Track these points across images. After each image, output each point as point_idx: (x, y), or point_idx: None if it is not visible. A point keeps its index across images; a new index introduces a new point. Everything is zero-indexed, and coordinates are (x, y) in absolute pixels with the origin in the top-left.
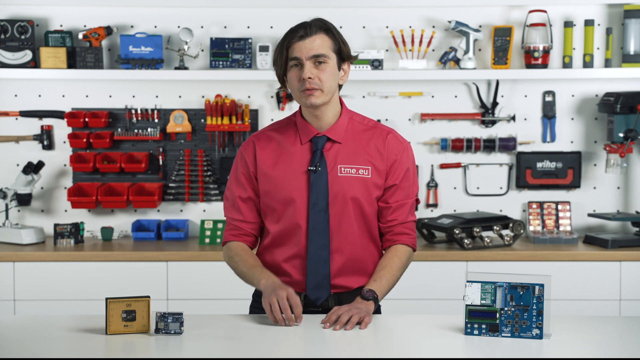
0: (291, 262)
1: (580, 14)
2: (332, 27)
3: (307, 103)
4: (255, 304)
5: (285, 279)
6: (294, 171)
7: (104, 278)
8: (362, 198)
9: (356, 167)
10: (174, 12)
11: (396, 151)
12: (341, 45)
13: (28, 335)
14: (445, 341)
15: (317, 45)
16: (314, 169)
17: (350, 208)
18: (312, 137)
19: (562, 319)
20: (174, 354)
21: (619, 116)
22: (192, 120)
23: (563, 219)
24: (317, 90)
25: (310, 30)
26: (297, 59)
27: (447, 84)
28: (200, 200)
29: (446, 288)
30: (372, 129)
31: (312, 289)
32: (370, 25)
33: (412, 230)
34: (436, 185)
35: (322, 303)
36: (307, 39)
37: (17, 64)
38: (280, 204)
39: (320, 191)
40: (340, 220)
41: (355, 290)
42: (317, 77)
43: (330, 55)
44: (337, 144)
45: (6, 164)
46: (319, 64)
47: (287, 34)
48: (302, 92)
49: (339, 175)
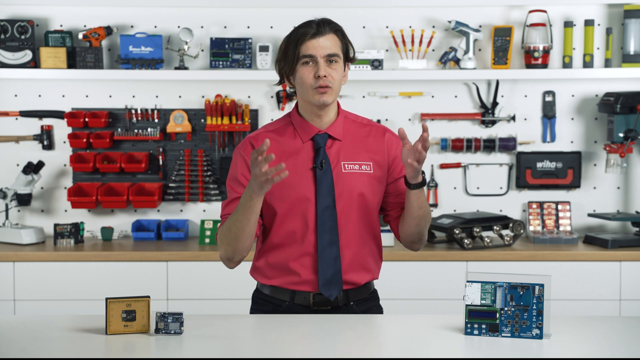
0: (300, 260)
1: (580, 14)
2: (340, 28)
3: (319, 101)
4: (255, 307)
5: (294, 278)
6: (298, 170)
7: (104, 278)
8: (367, 193)
9: (359, 163)
10: (174, 12)
11: (396, 146)
12: (348, 47)
13: (28, 335)
14: (445, 341)
15: (330, 45)
16: (320, 166)
17: (355, 204)
18: (314, 135)
19: (562, 319)
20: (174, 354)
21: (619, 116)
22: (192, 120)
23: (563, 219)
24: (330, 88)
25: (324, 29)
26: (312, 57)
27: (447, 84)
28: (200, 200)
29: (446, 288)
30: (368, 126)
31: (324, 286)
32: (370, 25)
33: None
34: (436, 185)
35: (332, 300)
36: (321, 38)
37: (17, 64)
38: (287, 203)
39: (326, 188)
40: (347, 216)
41: (363, 286)
42: (330, 76)
43: (341, 56)
44: (337, 141)
45: (6, 164)
46: (331, 63)
47: (297, 30)
48: (316, 89)
49: (343, 172)
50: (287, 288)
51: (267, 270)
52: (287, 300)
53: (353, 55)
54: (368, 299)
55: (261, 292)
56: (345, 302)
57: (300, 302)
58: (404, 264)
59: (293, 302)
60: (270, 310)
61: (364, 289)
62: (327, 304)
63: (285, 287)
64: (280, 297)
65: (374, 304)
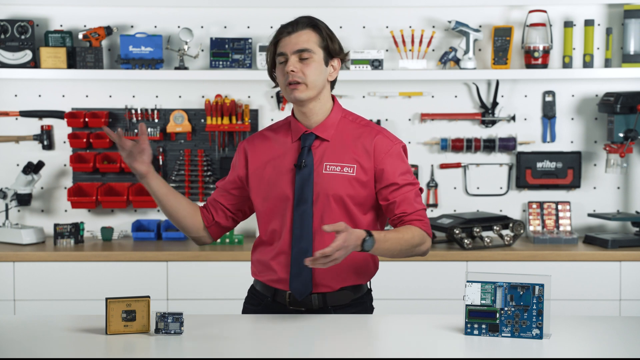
0: (277, 258)
1: (580, 14)
2: (320, 23)
3: (291, 97)
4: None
5: (273, 276)
6: (282, 169)
7: (104, 278)
8: (345, 196)
9: (341, 164)
10: (174, 12)
11: (385, 150)
12: (329, 41)
13: (28, 335)
14: (445, 341)
15: (302, 40)
16: (299, 166)
17: (333, 206)
18: (301, 135)
19: (562, 319)
20: (174, 354)
21: (619, 116)
22: (192, 120)
23: (563, 219)
24: (301, 84)
25: (297, 26)
26: (283, 54)
27: (447, 84)
28: (200, 200)
29: (446, 288)
30: (363, 128)
31: (294, 284)
32: (370, 25)
33: (424, 217)
34: (436, 185)
35: (306, 302)
36: (293, 35)
37: (17, 64)
38: (269, 202)
39: (304, 188)
40: (323, 217)
41: (340, 290)
42: (300, 71)
43: (316, 50)
44: (325, 141)
45: (6, 164)
46: (304, 59)
47: (276, 31)
48: (287, 86)
49: (323, 173)
50: (269, 285)
51: (256, 266)
52: (269, 297)
53: (339, 49)
54: (350, 306)
55: (254, 286)
56: (321, 306)
57: (279, 300)
58: (404, 263)
59: (274, 299)
60: (256, 303)
61: (341, 295)
62: (301, 305)
63: (268, 284)
64: (265, 293)
65: (357, 310)
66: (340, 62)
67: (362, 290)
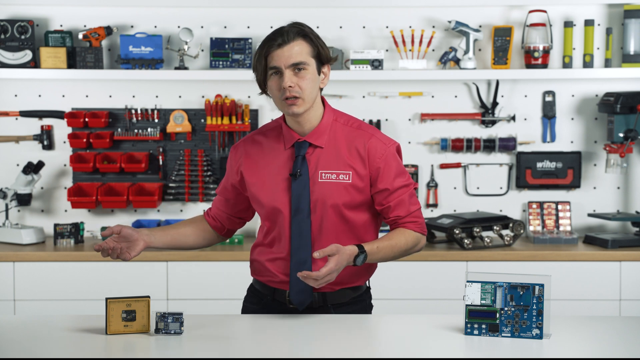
0: (276, 263)
1: (580, 14)
2: (309, 32)
3: (289, 112)
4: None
5: (271, 277)
6: (276, 177)
7: (104, 278)
8: (342, 204)
9: (337, 172)
10: (174, 12)
11: (379, 154)
12: (320, 50)
13: (28, 335)
14: (445, 341)
15: (295, 53)
16: (295, 175)
17: (331, 214)
18: (295, 143)
19: (562, 319)
20: (174, 354)
21: (619, 116)
22: (192, 120)
23: (563, 219)
24: (299, 99)
25: (288, 37)
26: (277, 68)
27: (447, 84)
28: (200, 200)
29: (446, 288)
30: (356, 131)
31: (295, 293)
32: (370, 25)
33: (418, 217)
34: (436, 185)
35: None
36: (285, 47)
37: (17, 64)
38: (265, 209)
39: (301, 197)
40: (322, 226)
41: (339, 291)
42: (297, 85)
43: (310, 62)
44: (319, 148)
45: (6, 164)
46: (299, 72)
47: (265, 41)
48: (284, 101)
49: (319, 181)
50: (268, 285)
51: (255, 266)
52: (268, 296)
53: (328, 56)
54: (349, 304)
55: (253, 285)
56: (321, 304)
57: (279, 299)
58: (404, 263)
59: (274, 297)
60: (256, 302)
61: (341, 294)
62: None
63: (267, 284)
64: (264, 292)
65: (356, 308)
66: (329, 67)
67: (361, 288)
